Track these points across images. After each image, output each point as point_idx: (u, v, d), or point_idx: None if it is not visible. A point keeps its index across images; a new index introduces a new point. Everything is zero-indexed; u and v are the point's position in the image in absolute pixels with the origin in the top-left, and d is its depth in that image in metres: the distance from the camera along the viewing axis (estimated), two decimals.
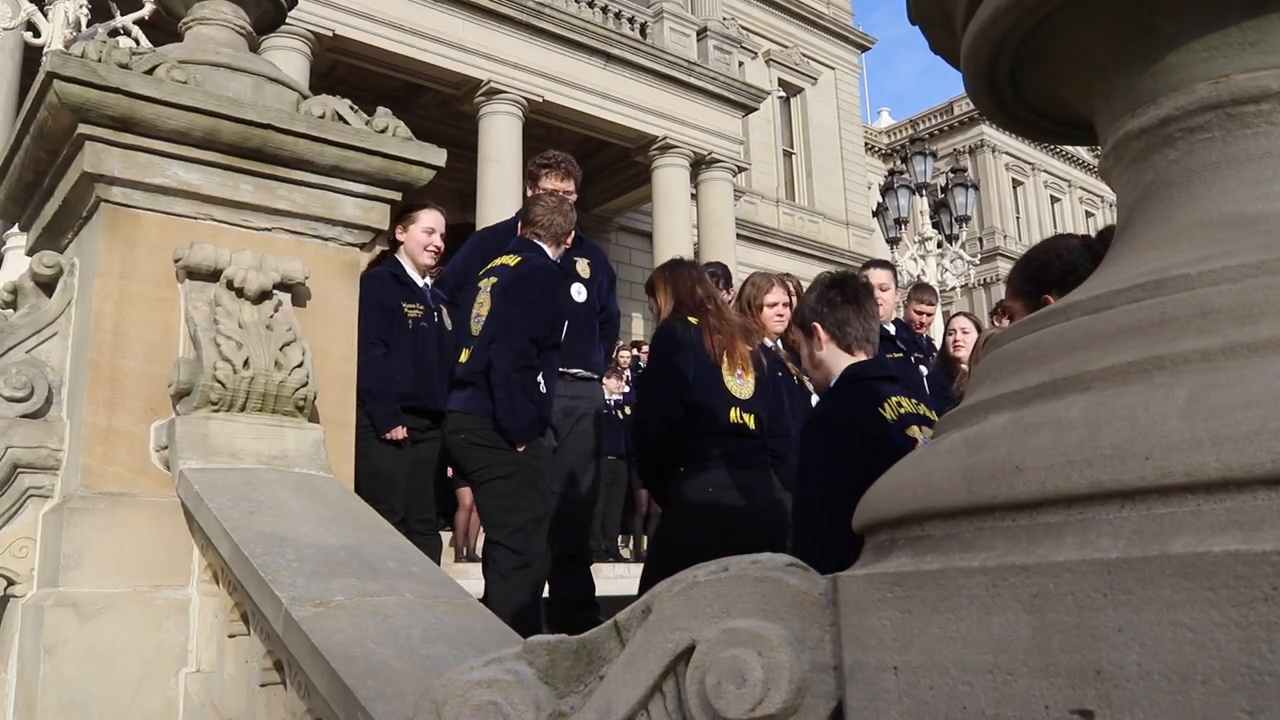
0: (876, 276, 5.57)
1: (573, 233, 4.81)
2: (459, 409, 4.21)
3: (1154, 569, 0.87)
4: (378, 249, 5.24)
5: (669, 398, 3.90)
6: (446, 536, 6.78)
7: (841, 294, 3.02)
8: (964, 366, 5.24)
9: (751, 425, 3.91)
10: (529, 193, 5.07)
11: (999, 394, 1.14)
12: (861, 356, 2.97)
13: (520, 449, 4.09)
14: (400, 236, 4.98)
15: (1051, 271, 2.91)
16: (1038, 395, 1.08)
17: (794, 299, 5.09)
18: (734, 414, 3.90)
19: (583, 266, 4.90)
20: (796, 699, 1.10)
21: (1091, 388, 1.04)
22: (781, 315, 4.69)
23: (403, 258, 4.98)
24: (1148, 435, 0.94)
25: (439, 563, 4.53)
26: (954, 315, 6.23)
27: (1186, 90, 1.18)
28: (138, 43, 8.43)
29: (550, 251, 4.44)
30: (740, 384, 3.94)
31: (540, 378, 4.20)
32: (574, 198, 5.02)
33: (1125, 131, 1.25)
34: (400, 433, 4.68)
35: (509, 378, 4.07)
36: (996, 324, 6.81)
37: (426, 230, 4.90)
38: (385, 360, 4.63)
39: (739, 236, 20.48)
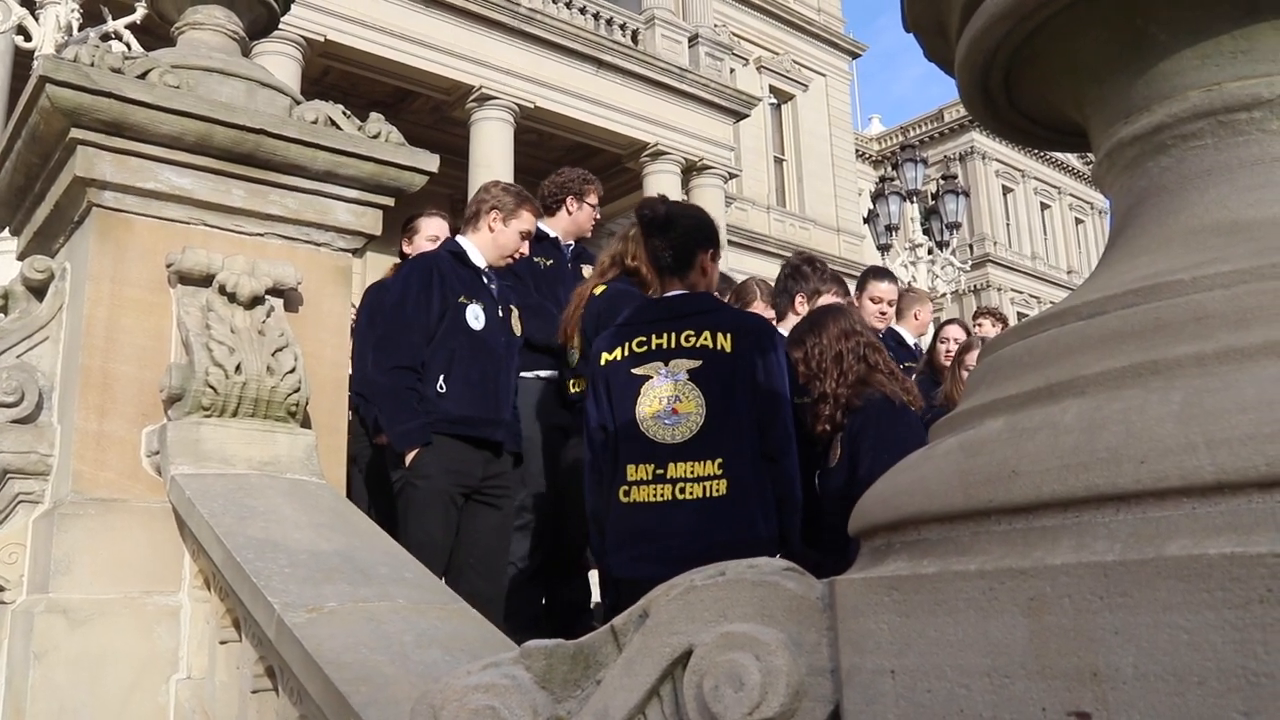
0: (886, 291, 5.54)
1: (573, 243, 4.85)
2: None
3: (1150, 571, 0.88)
4: (393, 263, 5.21)
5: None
6: None
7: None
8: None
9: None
10: (573, 208, 4.98)
11: (994, 398, 1.15)
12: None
13: (407, 459, 3.84)
14: (406, 249, 4.95)
15: None
16: (1033, 400, 1.09)
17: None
18: (572, 386, 4.39)
19: (587, 273, 4.90)
20: (794, 702, 1.10)
21: (1086, 392, 1.05)
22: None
23: (464, 235, 4.24)
24: (1143, 439, 0.94)
25: None
26: (945, 323, 6.22)
27: (1179, 98, 1.19)
28: (129, 47, 8.43)
29: (464, 241, 4.21)
30: (571, 354, 4.31)
31: (443, 379, 3.89)
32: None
33: (1119, 138, 1.26)
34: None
35: (377, 381, 3.94)
36: (978, 329, 6.83)
37: (431, 239, 4.83)
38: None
39: (730, 243, 20.50)
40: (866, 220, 16.46)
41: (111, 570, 2.81)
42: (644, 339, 3.14)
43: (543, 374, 4.48)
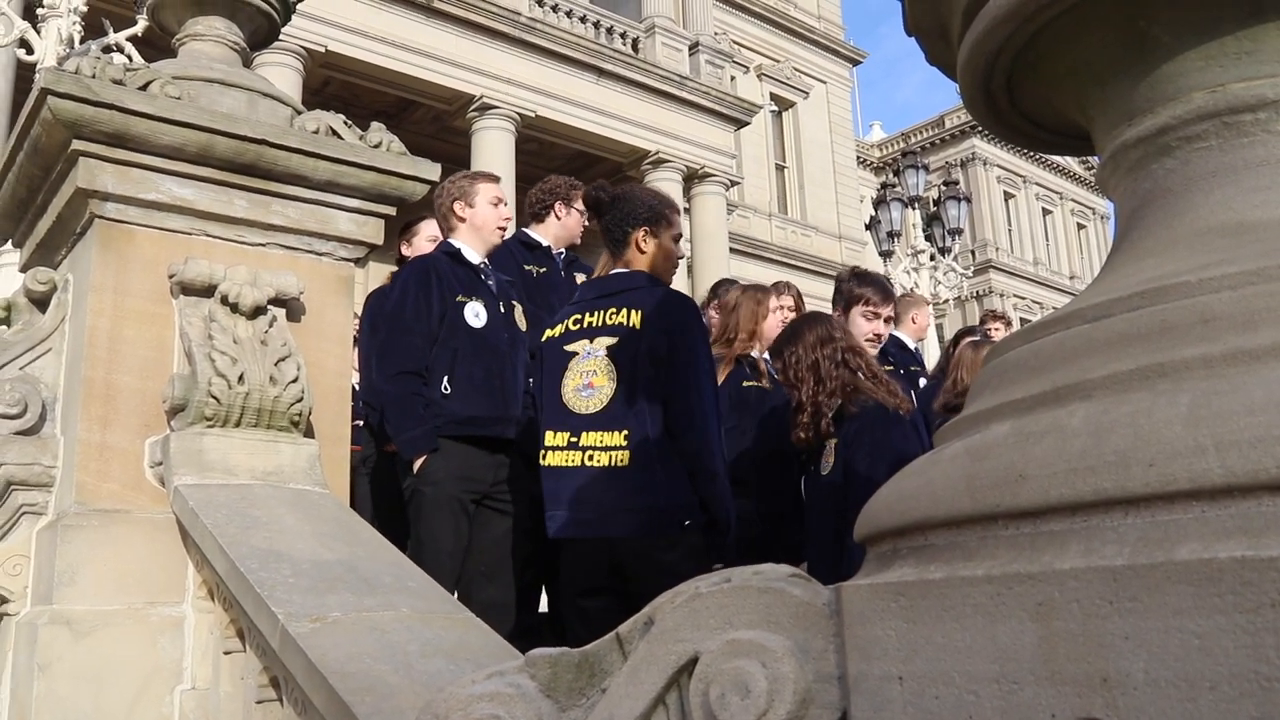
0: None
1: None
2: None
3: (1160, 576, 0.87)
4: (390, 271, 5.22)
5: None
6: None
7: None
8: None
9: None
10: (561, 213, 4.96)
11: (1001, 402, 1.14)
12: None
13: (415, 466, 3.83)
14: (405, 251, 4.95)
15: None
16: (1039, 403, 1.08)
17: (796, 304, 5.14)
18: None
19: (580, 280, 4.88)
20: (801, 710, 1.09)
21: (1093, 395, 1.04)
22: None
23: (460, 238, 4.18)
24: (1151, 442, 0.93)
25: None
26: (962, 333, 6.22)
27: (1184, 99, 1.19)
28: (130, 59, 8.45)
29: (454, 240, 4.17)
30: None
31: (446, 380, 3.88)
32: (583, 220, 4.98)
33: (1123, 141, 1.25)
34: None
35: (382, 389, 3.96)
36: (995, 334, 6.84)
37: (430, 239, 4.82)
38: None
39: (732, 250, 20.52)
40: (868, 227, 16.46)
41: (115, 581, 2.81)
42: (579, 316, 3.37)
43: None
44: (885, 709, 1.06)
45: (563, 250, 4.97)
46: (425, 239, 4.87)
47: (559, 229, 4.91)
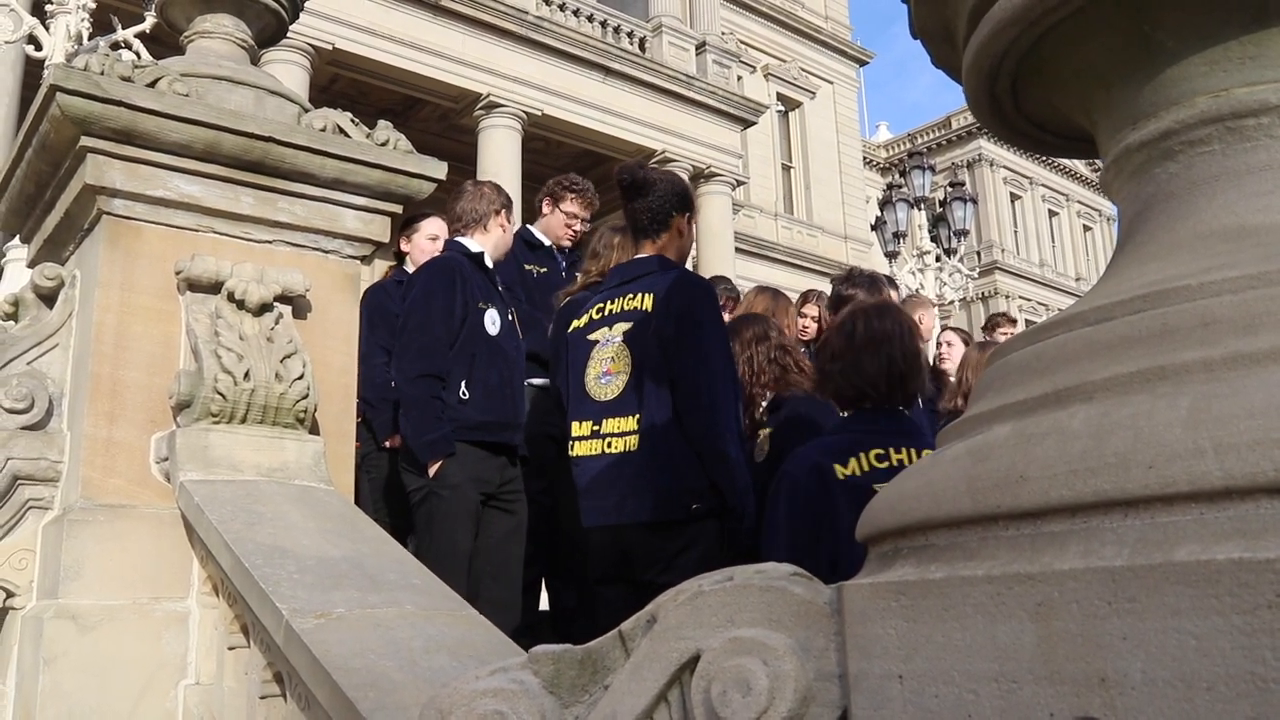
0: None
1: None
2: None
3: (1158, 577, 0.88)
4: (388, 265, 5.24)
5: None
6: None
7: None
8: (951, 379, 5.26)
9: None
10: (546, 210, 4.99)
11: (1002, 404, 1.14)
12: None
13: (431, 470, 3.83)
14: (405, 247, 4.96)
15: None
16: (1041, 405, 1.09)
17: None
18: None
19: None
20: (802, 707, 1.10)
21: (1094, 398, 1.05)
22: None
23: (471, 238, 4.22)
24: (1151, 444, 0.94)
25: None
26: (941, 330, 6.32)
27: (1187, 104, 1.19)
28: (139, 56, 8.47)
29: (474, 243, 4.19)
30: None
31: (465, 385, 3.90)
32: (585, 225, 5.02)
33: (1126, 144, 1.25)
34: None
35: (402, 390, 3.95)
36: (989, 337, 6.86)
37: (430, 237, 4.85)
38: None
39: (737, 250, 20.52)
40: (874, 227, 16.46)
41: (120, 576, 2.82)
42: (602, 305, 3.39)
43: (534, 381, 4.47)
44: (885, 707, 1.06)
45: (566, 248, 4.99)
46: (425, 236, 4.89)
47: (543, 225, 4.97)
